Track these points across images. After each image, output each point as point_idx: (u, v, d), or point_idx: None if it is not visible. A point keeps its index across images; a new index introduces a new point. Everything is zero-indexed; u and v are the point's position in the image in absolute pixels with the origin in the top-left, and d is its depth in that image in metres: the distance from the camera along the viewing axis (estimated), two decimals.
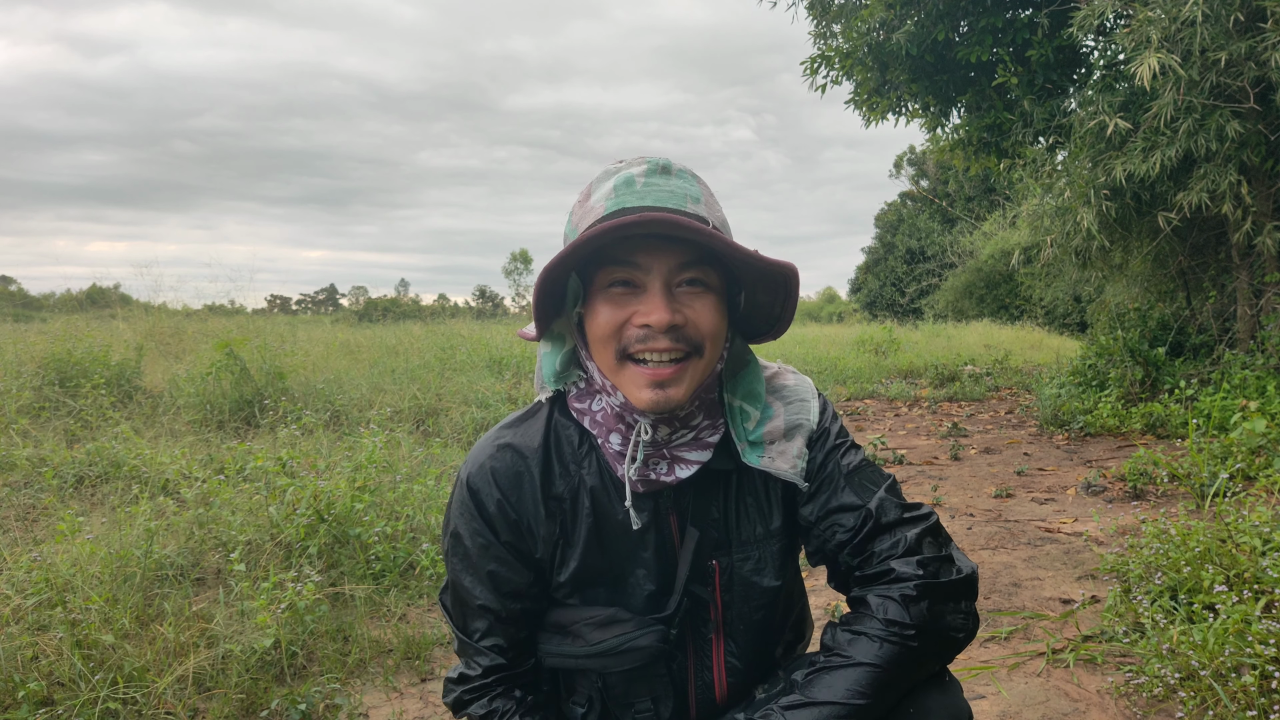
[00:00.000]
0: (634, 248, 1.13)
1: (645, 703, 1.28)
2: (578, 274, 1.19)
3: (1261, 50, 5.48)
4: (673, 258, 1.13)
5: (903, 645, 1.14)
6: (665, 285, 1.13)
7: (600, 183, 1.18)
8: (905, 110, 9.61)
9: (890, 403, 9.81)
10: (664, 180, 1.15)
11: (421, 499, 3.83)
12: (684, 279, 1.15)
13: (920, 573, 1.17)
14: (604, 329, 1.15)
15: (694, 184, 1.18)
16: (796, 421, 1.29)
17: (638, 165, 1.16)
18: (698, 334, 1.15)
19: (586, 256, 1.15)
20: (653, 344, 1.12)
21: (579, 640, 1.25)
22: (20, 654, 2.38)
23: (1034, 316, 22.66)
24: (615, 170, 1.18)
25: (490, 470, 1.24)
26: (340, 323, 16.25)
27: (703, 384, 1.19)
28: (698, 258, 1.14)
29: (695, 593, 1.26)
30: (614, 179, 1.16)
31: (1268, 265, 6.92)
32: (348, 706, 2.47)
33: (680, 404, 1.15)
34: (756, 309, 1.26)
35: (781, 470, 1.25)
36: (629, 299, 1.14)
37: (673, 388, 1.14)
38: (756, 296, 1.24)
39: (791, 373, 1.36)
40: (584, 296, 1.19)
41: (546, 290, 1.15)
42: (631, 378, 1.15)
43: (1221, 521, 3.15)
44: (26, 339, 7.76)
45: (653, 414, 1.16)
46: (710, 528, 1.26)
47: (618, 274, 1.14)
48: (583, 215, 1.17)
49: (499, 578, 1.25)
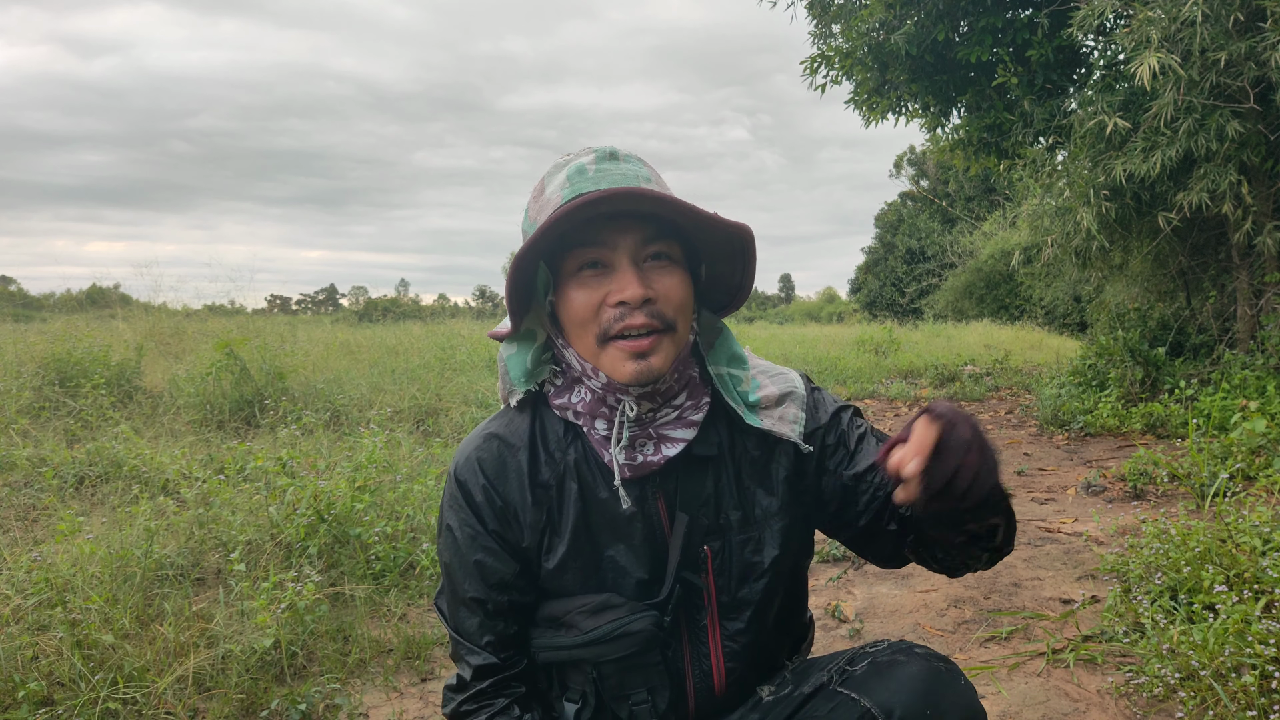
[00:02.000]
0: (599, 228, 1.16)
1: (641, 694, 1.27)
2: (545, 263, 1.21)
3: (1261, 50, 5.48)
4: (637, 233, 1.17)
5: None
6: (633, 260, 1.17)
7: (552, 175, 1.22)
8: (905, 110, 9.60)
9: (890, 403, 9.81)
10: (614, 165, 1.19)
11: (421, 499, 3.83)
12: (650, 253, 1.18)
13: None
14: (580, 312, 1.18)
15: (642, 167, 1.22)
16: (787, 390, 1.32)
17: (586, 155, 1.20)
18: (669, 308, 1.18)
19: (553, 243, 1.17)
20: (630, 320, 1.15)
21: (572, 630, 1.25)
22: (20, 654, 2.38)
23: (1034, 316, 22.66)
24: (565, 162, 1.21)
25: (476, 460, 1.26)
26: (340, 323, 16.26)
27: (679, 356, 1.21)
28: (660, 232, 1.18)
29: (688, 579, 1.26)
30: (565, 170, 1.19)
31: (1268, 265, 6.92)
32: (348, 706, 2.47)
33: (661, 373, 1.18)
34: (717, 280, 1.30)
35: (784, 432, 1.27)
36: (600, 280, 1.17)
37: (653, 356, 1.16)
38: (717, 267, 1.28)
39: (763, 360, 1.40)
40: (554, 284, 1.21)
41: (518, 282, 1.17)
42: (613, 356, 1.17)
43: (1221, 521, 3.15)
44: (26, 339, 7.76)
45: (636, 387, 1.18)
46: (700, 513, 1.26)
47: (586, 255, 1.17)
48: (540, 208, 1.20)
49: (486, 567, 1.25)
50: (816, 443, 1.31)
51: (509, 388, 1.30)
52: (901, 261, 35.77)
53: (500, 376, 1.31)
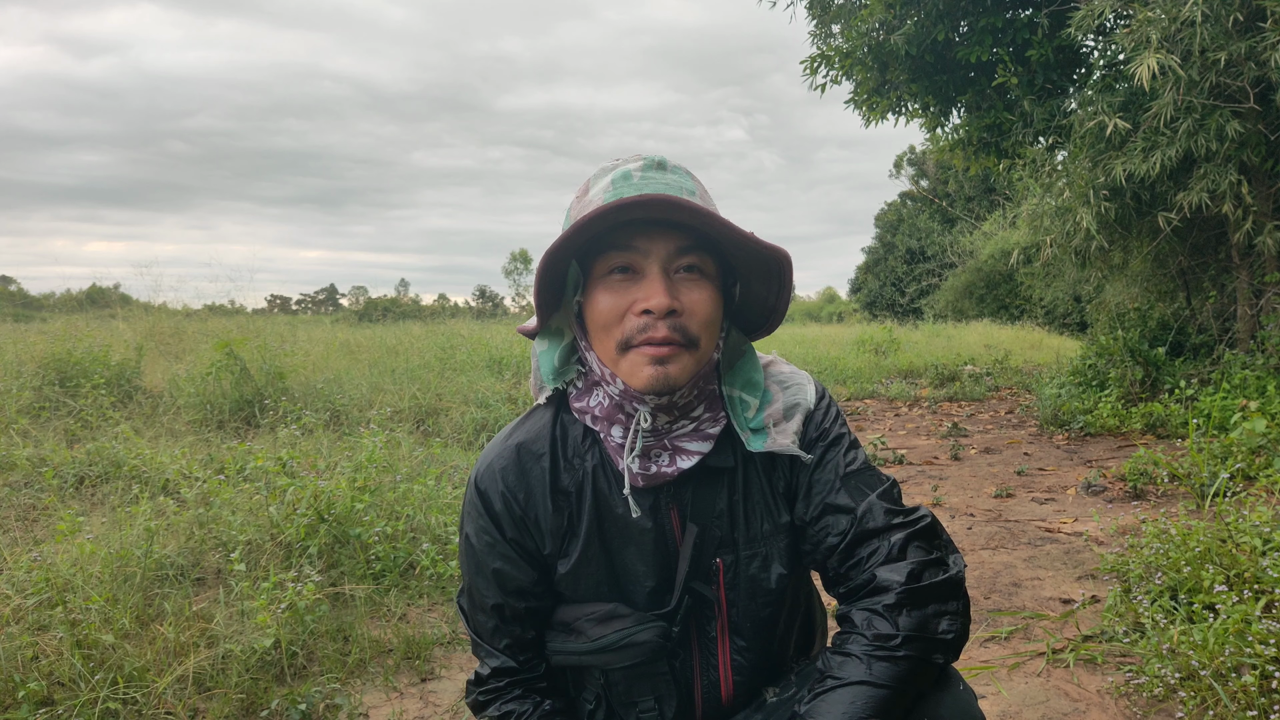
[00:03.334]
0: (633, 233, 1.14)
1: (649, 701, 1.28)
2: (578, 263, 1.20)
3: (1261, 50, 5.48)
4: (671, 242, 1.15)
5: (890, 657, 1.11)
6: (663, 270, 1.15)
7: (598, 179, 1.20)
8: (905, 110, 9.61)
9: (890, 403, 9.81)
10: (660, 174, 1.17)
11: (421, 499, 3.83)
12: (682, 264, 1.16)
13: (902, 579, 1.15)
14: (605, 317, 1.16)
15: (688, 179, 1.20)
16: (794, 401, 1.29)
17: (634, 161, 1.19)
18: (694, 323, 1.16)
19: (586, 242, 1.16)
20: (652, 333, 1.13)
21: (581, 636, 1.26)
22: (20, 654, 2.38)
23: (1034, 316, 22.66)
24: (612, 167, 1.20)
25: (498, 469, 1.26)
26: (340, 323, 16.25)
27: (700, 372, 1.20)
28: (695, 243, 1.16)
29: (698, 590, 1.26)
30: (611, 174, 1.18)
31: (1268, 265, 6.92)
32: (348, 706, 2.47)
33: (678, 384, 1.16)
34: (752, 300, 1.27)
35: (783, 446, 1.24)
36: (629, 286, 1.15)
37: (671, 364, 1.14)
38: (752, 286, 1.25)
39: (786, 364, 1.37)
40: (584, 285, 1.20)
41: (547, 277, 1.15)
42: (632, 360, 1.15)
43: (1221, 521, 3.15)
44: (26, 339, 7.76)
45: (652, 395, 1.16)
46: (713, 525, 1.26)
47: (617, 259, 1.15)
48: (581, 209, 1.18)
49: (504, 575, 1.26)
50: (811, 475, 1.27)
51: (540, 383, 1.30)
52: (901, 261, 35.76)
53: (533, 371, 1.31)
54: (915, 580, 1.15)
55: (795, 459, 1.27)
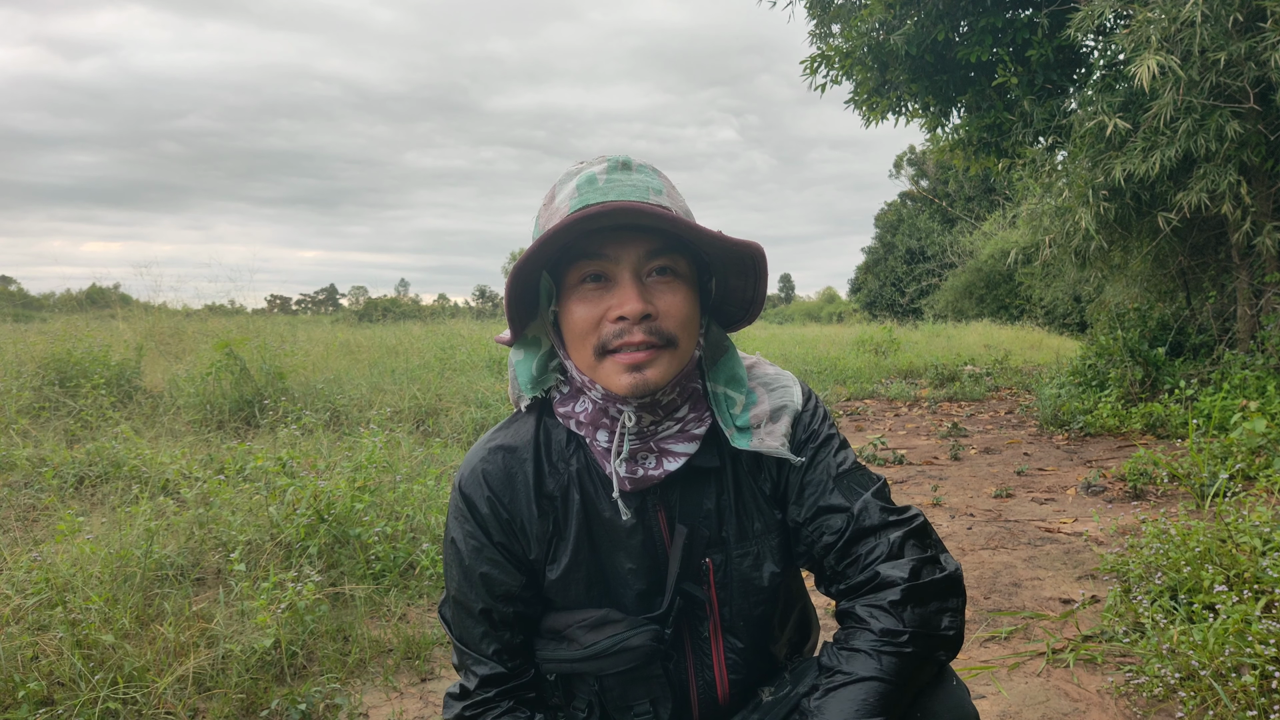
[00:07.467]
0: (602, 240, 1.14)
1: (644, 705, 1.27)
2: (549, 274, 1.20)
3: (1261, 50, 5.48)
4: (641, 246, 1.15)
5: (899, 653, 1.12)
6: (635, 275, 1.15)
7: (563, 184, 1.20)
8: (905, 110, 9.61)
9: (890, 403, 9.81)
10: (625, 175, 1.17)
11: (421, 499, 3.83)
12: (653, 267, 1.16)
13: (905, 575, 1.16)
14: (580, 326, 1.16)
15: (655, 177, 1.20)
16: (781, 403, 1.29)
17: (598, 164, 1.18)
18: (670, 324, 1.16)
19: (556, 253, 1.16)
20: (628, 338, 1.14)
21: (572, 644, 1.25)
22: (20, 654, 2.38)
23: (1034, 316, 22.67)
24: (577, 170, 1.20)
25: (482, 473, 1.26)
26: (340, 323, 16.24)
27: (681, 372, 1.20)
28: (665, 245, 1.16)
29: (689, 591, 1.26)
30: (576, 179, 1.17)
31: (1268, 265, 6.92)
32: (348, 706, 2.47)
33: (658, 386, 1.16)
34: (729, 293, 1.27)
35: (772, 448, 1.24)
36: (602, 294, 1.15)
37: (649, 369, 1.14)
38: (728, 281, 1.25)
39: (770, 364, 1.37)
40: (557, 295, 1.20)
41: (518, 290, 1.16)
42: (609, 368, 1.16)
43: (1221, 521, 3.15)
44: (26, 339, 7.75)
45: (634, 399, 1.16)
46: (701, 525, 1.26)
47: (588, 268, 1.15)
48: (549, 217, 1.18)
49: (491, 580, 1.25)
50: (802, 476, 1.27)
51: (517, 393, 1.30)
52: (901, 261, 35.76)
53: (510, 381, 1.31)
54: (916, 577, 1.16)
55: (783, 461, 1.27)
